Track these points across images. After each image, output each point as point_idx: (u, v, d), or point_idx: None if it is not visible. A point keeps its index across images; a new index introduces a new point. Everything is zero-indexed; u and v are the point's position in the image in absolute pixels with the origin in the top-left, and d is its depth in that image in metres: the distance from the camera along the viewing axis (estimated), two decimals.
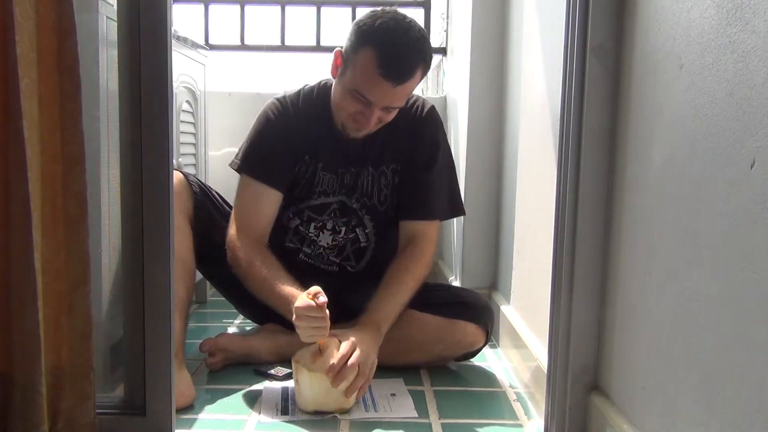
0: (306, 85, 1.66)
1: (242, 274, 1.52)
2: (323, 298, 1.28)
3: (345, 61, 1.47)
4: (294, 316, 1.31)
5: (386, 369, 1.49)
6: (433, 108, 1.65)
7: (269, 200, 1.58)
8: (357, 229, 1.65)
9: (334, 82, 1.54)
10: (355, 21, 1.48)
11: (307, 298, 1.30)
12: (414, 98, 1.65)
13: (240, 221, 1.56)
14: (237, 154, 1.63)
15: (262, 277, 1.47)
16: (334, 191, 1.63)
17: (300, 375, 1.31)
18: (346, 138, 1.58)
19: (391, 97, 1.45)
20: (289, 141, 1.59)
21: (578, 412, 1.14)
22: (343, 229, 1.65)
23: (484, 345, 1.60)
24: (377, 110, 1.46)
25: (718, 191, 0.75)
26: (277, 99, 1.63)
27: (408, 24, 1.44)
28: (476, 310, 1.58)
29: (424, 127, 1.61)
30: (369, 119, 1.47)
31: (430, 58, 1.49)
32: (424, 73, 1.49)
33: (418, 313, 1.54)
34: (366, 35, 1.42)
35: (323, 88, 1.63)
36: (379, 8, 1.47)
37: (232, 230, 1.56)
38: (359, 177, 1.62)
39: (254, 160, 1.59)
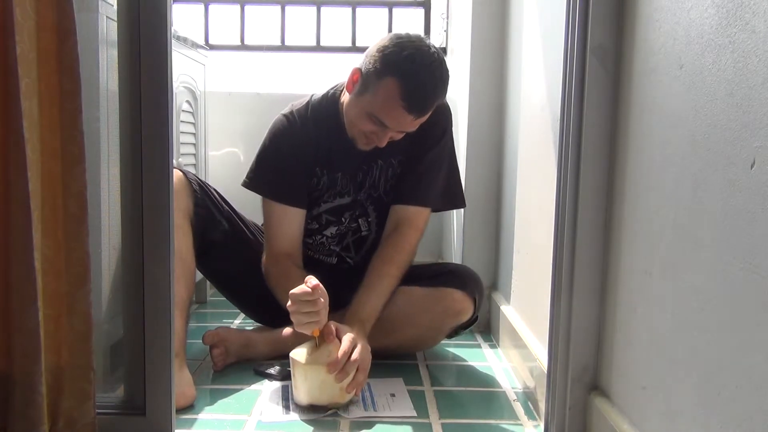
0: (314, 95, 1.66)
1: (273, 292, 1.55)
2: (316, 281, 1.29)
3: (365, 82, 1.47)
4: (289, 303, 1.31)
5: (383, 366, 1.49)
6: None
7: (294, 219, 1.61)
8: (359, 219, 1.66)
9: (348, 96, 1.54)
10: (378, 45, 1.46)
11: (302, 286, 1.31)
12: None
13: (271, 245, 1.60)
14: (248, 174, 1.64)
15: (282, 289, 1.48)
16: (348, 191, 1.65)
17: (295, 368, 1.33)
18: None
19: (410, 125, 1.48)
20: (301, 158, 1.60)
21: (578, 412, 1.14)
22: (347, 218, 1.66)
23: (474, 316, 1.60)
24: (391, 132, 1.49)
25: (718, 191, 0.75)
26: (284, 115, 1.63)
27: (432, 56, 1.43)
28: (462, 278, 1.59)
29: (432, 116, 1.59)
30: (381, 140, 1.50)
31: (448, 87, 1.50)
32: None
33: (405, 287, 1.55)
34: (392, 65, 1.42)
35: (332, 98, 1.63)
36: (403, 34, 1.47)
37: (264, 254, 1.60)
38: (369, 171, 1.64)
39: (272, 183, 1.60)
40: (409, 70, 1.41)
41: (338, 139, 1.60)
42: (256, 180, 1.62)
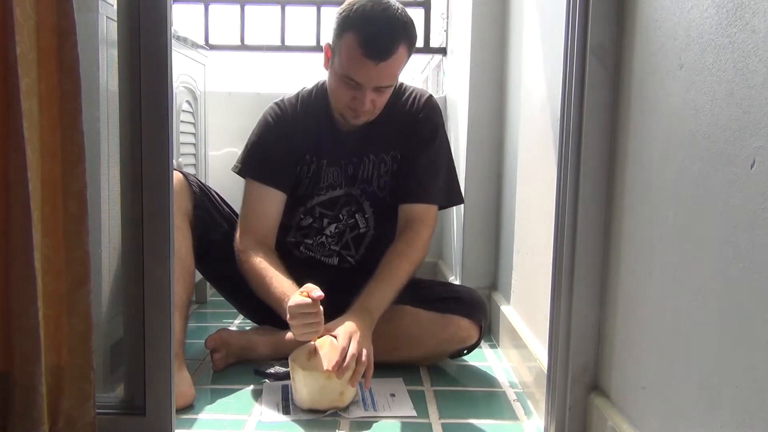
0: (304, 87, 1.69)
1: (245, 276, 1.55)
2: (318, 293, 1.30)
3: (333, 50, 1.51)
4: (288, 315, 1.31)
5: (382, 367, 1.49)
6: (431, 96, 1.67)
7: (273, 201, 1.61)
8: (356, 215, 1.67)
9: (327, 74, 1.57)
10: (336, 12, 1.51)
11: (300, 296, 1.31)
12: (412, 89, 1.68)
13: (245, 224, 1.60)
14: (238, 158, 1.67)
15: (260, 276, 1.49)
16: (340, 184, 1.65)
17: (295, 374, 1.32)
18: (346, 130, 1.62)
19: (378, 76, 1.47)
20: (289, 142, 1.62)
21: (578, 412, 1.14)
22: (345, 215, 1.66)
23: (479, 341, 1.61)
24: (369, 92, 1.49)
25: (718, 191, 0.75)
26: (276, 103, 1.67)
27: (385, 4, 1.47)
28: (470, 306, 1.59)
29: (422, 112, 1.63)
30: (363, 102, 1.50)
31: (413, 33, 1.51)
32: (410, 50, 1.51)
33: (412, 308, 1.55)
34: (346, 21, 1.46)
35: (321, 88, 1.66)
36: None
37: (238, 233, 1.59)
38: (360, 165, 1.64)
39: (255, 163, 1.63)
40: (362, 20, 1.44)
41: (327, 129, 1.63)
42: (242, 163, 1.65)
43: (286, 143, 1.62)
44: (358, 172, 1.65)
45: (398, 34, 1.46)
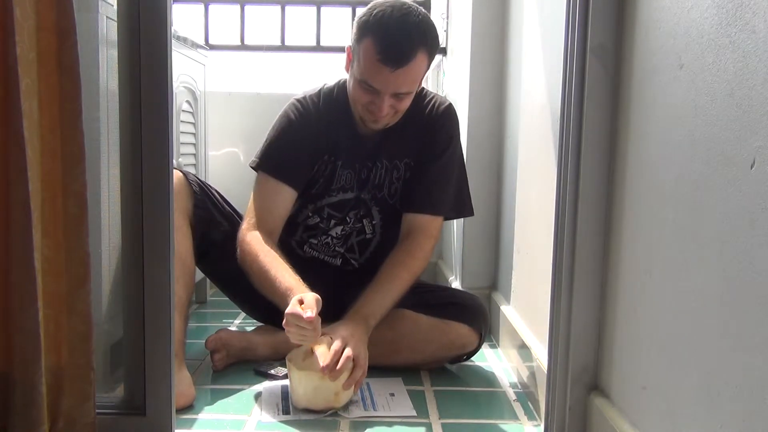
0: (325, 84, 1.67)
1: (246, 269, 1.53)
2: (310, 313, 1.26)
3: (353, 54, 1.50)
4: (284, 320, 1.31)
5: (382, 367, 1.49)
6: (450, 105, 1.66)
7: (283, 198, 1.60)
8: (364, 220, 1.66)
9: (348, 76, 1.57)
10: (357, 16, 1.50)
11: (298, 306, 1.29)
12: (432, 95, 1.67)
13: (253, 217, 1.58)
14: (257, 154, 1.64)
15: (264, 270, 1.47)
16: (351, 187, 1.64)
17: (291, 373, 1.33)
18: (364, 134, 1.60)
19: (395, 82, 1.46)
20: (309, 141, 1.60)
21: (578, 412, 1.14)
22: (352, 218, 1.66)
23: (478, 347, 1.61)
24: (387, 98, 1.47)
25: (718, 191, 0.75)
26: (298, 100, 1.65)
27: (406, 9, 1.45)
28: (470, 312, 1.58)
29: (439, 122, 1.62)
30: (381, 108, 1.48)
31: (434, 39, 1.49)
32: (430, 56, 1.50)
33: (412, 313, 1.55)
34: (365, 26, 1.45)
35: (343, 87, 1.64)
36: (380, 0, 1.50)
37: (244, 225, 1.58)
38: (373, 170, 1.64)
39: (272, 159, 1.61)
40: (380, 26, 1.43)
41: (346, 129, 1.61)
42: (260, 158, 1.62)
43: (306, 142, 1.60)
44: (371, 177, 1.64)
45: (417, 40, 1.44)
